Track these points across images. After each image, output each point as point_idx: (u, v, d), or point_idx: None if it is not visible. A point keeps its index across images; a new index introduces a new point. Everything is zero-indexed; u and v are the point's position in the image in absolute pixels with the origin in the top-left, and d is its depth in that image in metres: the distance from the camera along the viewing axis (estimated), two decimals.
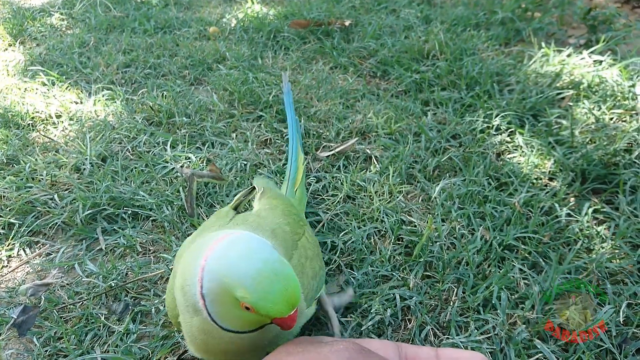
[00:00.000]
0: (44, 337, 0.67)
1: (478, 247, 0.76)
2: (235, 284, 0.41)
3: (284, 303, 0.41)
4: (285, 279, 0.42)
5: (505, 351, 0.62)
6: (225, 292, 0.42)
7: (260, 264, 0.42)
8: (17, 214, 0.88)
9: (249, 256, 0.42)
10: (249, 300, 0.41)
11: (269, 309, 0.41)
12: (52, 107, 1.19)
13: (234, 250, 0.43)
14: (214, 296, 0.43)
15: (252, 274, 0.41)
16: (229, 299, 0.42)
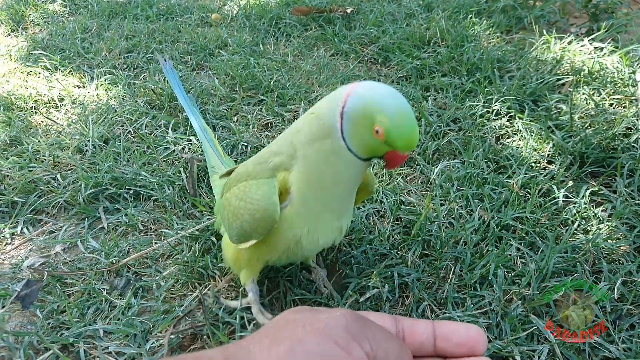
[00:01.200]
0: (47, 310, 0.68)
1: (476, 226, 0.77)
2: (379, 109, 0.48)
3: (409, 139, 0.49)
4: (415, 126, 0.49)
5: (500, 326, 0.63)
6: (365, 114, 0.49)
7: (403, 103, 0.49)
8: (20, 192, 0.89)
9: (393, 94, 0.49)
10: (385, 125, 0.48)
11: (397, 137, 0.48)
12: (55, 90, 1.20)
13: (380, 87, 0.50)
14: (353, 114, 0.50)
15: (395, 107, 0.48)
16: (365, 120, 0.49)
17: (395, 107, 0.48)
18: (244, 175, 0.60)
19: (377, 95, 0.49)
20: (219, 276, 0.73)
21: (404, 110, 0.48)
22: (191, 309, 0.68)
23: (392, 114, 0.48)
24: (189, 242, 0.78)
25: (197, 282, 0.72)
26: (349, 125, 0.51)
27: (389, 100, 0.49)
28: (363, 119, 0.49)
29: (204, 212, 0.83)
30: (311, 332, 0.43)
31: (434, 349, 0.51)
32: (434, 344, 0.50)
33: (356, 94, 0.50)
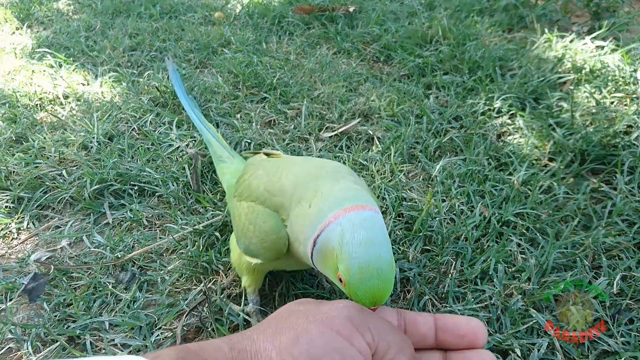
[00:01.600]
0: (54, 303, 0.69)
1: (477, 222, 0.78)
2: (343, 260, 0.45)
3: (370, 299, 0.45)
4: (384, 281, 0.45)
5: (501, 320, 0.64)
6: (332, 257, 0.46)
7: (374, 257, 0.44)
8: (27, 188, 0.90)
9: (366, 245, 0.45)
10: (346, 278, 0.45)
11: (355, 296, 0.45)
12: (60, 88, 1.21)
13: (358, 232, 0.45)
14: (322, 251, 0.48)
15: (360, 263, 0.44)
16: (332, 263, 0.46)
17: (363, 260, 0.44)
18: (252, 192, 0.60)
19: (348, 241, 0.45)
20: (223, 271, 0.74)
21: (370, 267, 0.44)
22: (196, 304, 0.69)
23: (355, 267, 0.44)
24: (193, 237, 0.79)
25: (202, 277, 0.73)
26: (317, 258, 0.49)
27: (358, 250, 0.44)
28: (328, 261, 0.47)
29: (208, 208, 0.84)
30: (314, 322, 0.44)
31: (435, 341, 0.52)
32: (435, 336, 0.51)
33: (333, 229, 0.46)
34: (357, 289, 0.44)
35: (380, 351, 0.44)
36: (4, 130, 1.05)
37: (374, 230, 0.46)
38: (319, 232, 0.48)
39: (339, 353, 0.41)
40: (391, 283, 0.45)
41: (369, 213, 0.47)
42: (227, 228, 0.80)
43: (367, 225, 0.46)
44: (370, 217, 0.47)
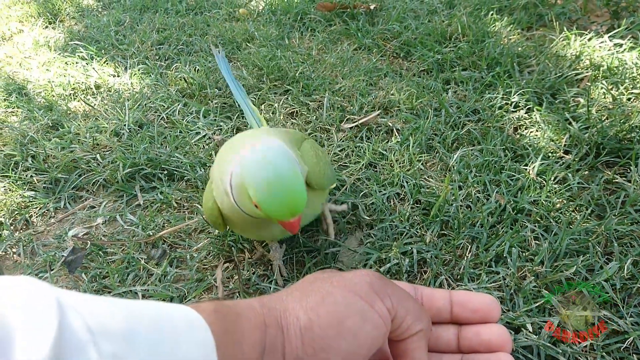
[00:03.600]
0: (91, 275, 0.74)
1: (492, 209, 0.81)
2: (249, 184, 0.50)
3: (284, 209, 0.49)
4: (290, 189, 0.49)
5: (514, 299, 0.67)
6: (243, 189, 0.51)
7: (272, 172, 0.49)
8: (63, 171, 0.96)
9: (265, 164, 0.50)
10: (257, 201, 0.49)
11: (270, 212, 0.50)
12: (92, 79, 1.26)
13: (256, 156, 0.51)
14: (236, 189, 0.52)
15: (262, 180, 0.49)
16: (246, 194, 0.51)
17: (264, 177, 0.49)
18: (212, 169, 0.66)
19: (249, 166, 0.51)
20: (248, 249, 0.78)
21: (271, 182, 0.49)
22: (224, 279, 0.73)
23: (259, 186, 0.49)
24: None
25: (228, 255, 0.77)
26: (237, 197, 0.53)
27: (259, 171, 0.50)
28: (242, 193, 0.52)
29: None
30: (338, 287, 0.47)
31: (450, 316, 0.55)
32: (451, 310, 0.55)
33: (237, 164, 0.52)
34: (270, 206, 0.49)
35: (399, 317, 0.47)
36: (41, 117, 1.11)
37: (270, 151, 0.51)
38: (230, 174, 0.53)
39: (360, 314, 0.45)
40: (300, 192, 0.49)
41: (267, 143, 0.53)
42: None
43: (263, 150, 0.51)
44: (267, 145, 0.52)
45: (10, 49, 1.51)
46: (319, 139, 1.01)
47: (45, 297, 0.28)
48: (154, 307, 0.36)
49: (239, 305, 0.43)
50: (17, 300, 0.27)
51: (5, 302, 0.26)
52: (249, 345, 0.40)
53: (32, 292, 0.28)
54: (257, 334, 0.41)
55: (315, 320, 0.43)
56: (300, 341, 0.42)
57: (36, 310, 0.27)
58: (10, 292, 0.27)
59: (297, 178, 0.50)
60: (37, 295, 0.28)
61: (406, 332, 0.47)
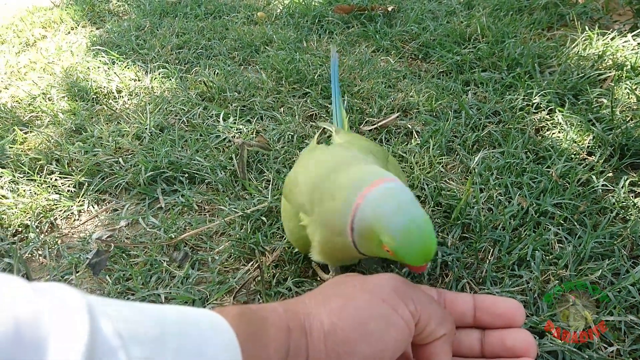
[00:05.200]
0: (114, 277, 0.75)
1: (514, 212, 0.80)
2: (384, 231, 0.48)
3: (420, 257, 0.48)
4: (427, 237, 0.48)
5: (538, 303, 0.66)
6: (373, 234, 0.49)
7: (409, 220, 0.48)
8: (86, 174, 0.97)
9: (399, 210, 0.48)
10: (392, 247, 0.48)
11: (407, 258, 0.49)
12: (113, 83, 1.28)
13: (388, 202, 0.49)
14: (361, 232, 0.51)
15: (401, 225, 0.47)
16: (374, 239, 0.49)
17: (402, 225, 0.47)
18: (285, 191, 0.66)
19: (383, 213, 0.48)
20: (268, 252, 0.78)
21: (410, 230, 0.47)
22: (245, 281, 0.73)
23: (397, 233, 0.47)
24: (240, 220, 0.84)
25: (249, 257, 0.78)
26: (359, 240, 0.52)
27: (395, 217, 0.48)
28: (371, 237, 0.50)
29: (254, 195, 0.89)
30: (361, 291, 0.47)
31: (473, 320, 0.54)
32: (474, 315, 0.54)
33: (362, 212, 0.50)
34: (406, 253, 0.48)
35: (423, 321, 0.47)
36: (64, 121, 1.13)
37: (400, 195, 0.50)
38: (351, 217, 0.51)
39: (384, 319, 0.45)
40: (433, 236, 0.48)
41: (390, 184, 0.51)
42: (272, 213, 0.85)
43: (391, 193, 0.50)
44: (391, 186, 0.51)
45: (34, 55, 1.54)
46: None
47: (77, 304, 0.28)
48: (181, 312, 0.37)
49: (264, 309, 0.44)
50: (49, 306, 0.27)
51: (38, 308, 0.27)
52: (273, 349, 0.40)
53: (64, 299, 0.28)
54: (281, 337, 0.41)
55: (339, 324, 0.43)
56: (323, 345, 0.43)
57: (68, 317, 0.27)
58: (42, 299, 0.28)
59: (430, 225, 0.49)
60: (69, 301, 0.28)
61: (430, 336, 0.47)
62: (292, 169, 0.69)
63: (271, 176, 0.92)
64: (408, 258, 0.48)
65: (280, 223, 0.83)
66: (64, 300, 0.28)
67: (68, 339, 0.26)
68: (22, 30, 1.73)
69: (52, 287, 0.30)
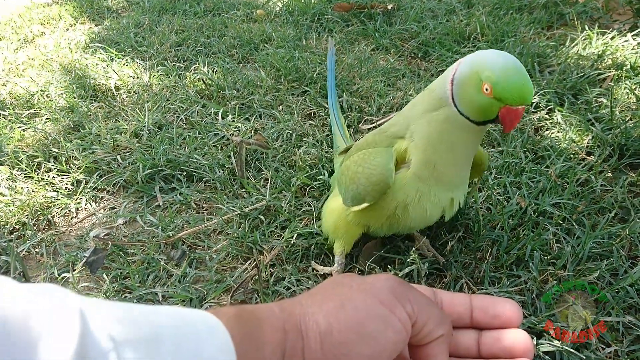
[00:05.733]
0: (112, 275, 0.75)
1: (513, 212, 0.80)
2: (485, 67, 0.51)
3: (518, 90, 0.50)
4: (526, 77, 0.50)
5: (536, 304, 0.66)
6: (472, 74, 0.52)
7: (510, 59, 0.51)
8: (84, 172, 0.97)
9: (500, 54, 0.52)
10: (492, 80, 0.50)
11: (505, 89, 0.50)
12: (112, 80, 1.28)
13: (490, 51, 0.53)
14: (461, 78, 0.53)
15: (501, 62, 0.51)
16: (473, 81, 0.52)
17: (501, 62, 0.50)
18: (364, 145, 0.67)
19: (484, 56, 0.52)
20: (266, 251, 0.78)
21: (510, 64, 0.50)
22: (243, 280, 0.73)
23: (497, 68, 0.50)
24: (238, 219, 0.83)
25: (247, 256, 0.78)
26: (459, 90, 0.54)
27: (495, 58, 0.51)
28: (471, 80, 0.52)
29: (252, 193, 0.89)
30: (358, 291, 0.47)
31: (470, 321, 0.54)
32: (471, 315, 0.54)
33: (466, 60, 0.54)
34: (505, 85, 0.50)
35: (420, 322, 0.46)
36: (62, 119, 1.12)
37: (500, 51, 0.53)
38: (452, 75, 0.54)
39: (381, 319, 0.44)
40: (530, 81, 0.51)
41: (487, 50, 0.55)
42: (270, 212, 0.85)
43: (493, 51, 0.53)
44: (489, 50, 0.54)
45: (32, 51, 1.54)
46: None
47: (69, 305, 0.28)
48: (175, 313, 0.36)
49: (260, 310, 0.43)
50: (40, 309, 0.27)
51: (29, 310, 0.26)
52: (269, 350, 0.40)
53: (56, 300, 0.28)
54: (277, 339, 0.41)
55: (335, 326, 0.43)
56: (319, 346, 0.42)
57: (59, 318, 0.27)
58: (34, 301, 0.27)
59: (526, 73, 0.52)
60: (61, 303, 0.28)
61: (427, 337, 0.47)
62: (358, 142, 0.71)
63: (269, 175, 0.92)
64: (507, 93, 0.50)
65: (279, 222, 0.83)
66: (55, 302, 0.28)
67: (58, 340, 0.26)
68: (20, 26, 1.73)
69: (45, 288, 0.29)
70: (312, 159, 0.94)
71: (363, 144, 0.67)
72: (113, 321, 0.30)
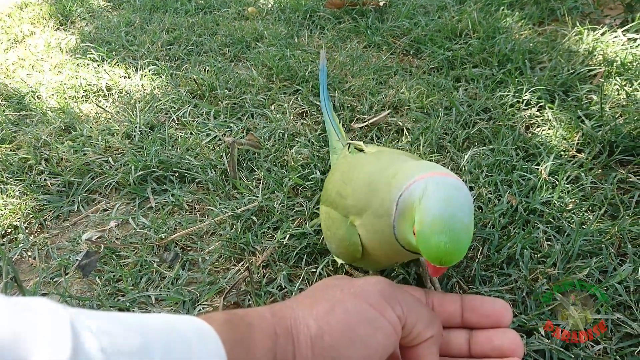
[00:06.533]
0: (104, 278, 0.75)
1: (504, 210, 0.80)
2: (420, 211, 0.46)
3: (436, 255, 0.45)
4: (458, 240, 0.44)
5: (526, 302, 0.66)
6: (411, 210, 0.47)
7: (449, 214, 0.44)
8: (76, 174, 0.97)
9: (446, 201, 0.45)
10: (417, 230, 0.46)
11: (423, 248, 0.46)
12: (103, 81, 1.28)
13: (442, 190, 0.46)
14: (404, 207, 0.48)
15: (437, 215, 0.44)
16: (410, 217, 0.47)
17: (438, 212, 0.44)
18: (329, 199, 0.63)
19: (430, 194, 0.46)
20: (259, 252, 0.78)
21: (443, 222, 0.44)
22: (236, 282, 0.73)
23: (428, 217, 0.45)
24: (231, 220, 0.83)
25: (239, 257, 0.78)
26: (398, 216, 0.49)
27: (437, 203, 0.45)
28: (408, 215, 0.47)
29: (244, 194, 0.89)
30: (349, 294, 0.47)
31: (461, 321, 0.55)
32: (462, 315, 0.55)
33: (417, 186, 0.47)
34: (425, 241, 0.45)
35: (410, 324, 0.47)
36: (53, 120, 1.12)
37: (458, 193, 0.46)
38: (403, 190, 0.49)
39: (370, 323, 0.45)
40: (462, 245, 0.45)
41: (456, 180, 0.48)
42: (262, 213, 0.85)
43: (451, 187, 0.46)
44: (456, 183, 0.48)
45: (22, 52, 1.53)
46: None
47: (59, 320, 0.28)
48: (166, 320, 0.37)
49: (250, 315, 0.44)
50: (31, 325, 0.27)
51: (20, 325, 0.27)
52: (261, 354, 0.40)
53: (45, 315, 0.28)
54: (268, 343, 0.41)
55: (326, 329, 0.44)
56: (310, 350, 0.43)
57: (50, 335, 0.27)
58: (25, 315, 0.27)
59: (469, 233, 0.45)
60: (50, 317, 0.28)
61: (417, 338, 0.48)
62: (330, 176, 0.68)
63: (262, 175, 0.92)
64: (425, 248, 0.45)
65: (272, 222, 0.83)
66: (45, 317, 0.28)
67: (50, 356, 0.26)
68: (10, 26, 1.71)
69: (34, 302, 0.29)
70: (304, 158, 0.94)
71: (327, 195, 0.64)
72: (104, 332, 0.30)
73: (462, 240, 0.45)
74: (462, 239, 0.45)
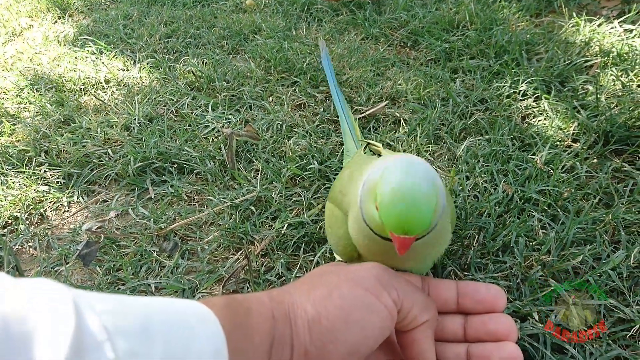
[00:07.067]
0: (105, 267, 0.76)
1: (499, 199, 0.81)
2: (381, 182, 0.46)
3: (398, 224, 0.44)
4: (416, 203, 0.44)
5: (520, 288, 0.67)
6: (373, 187, 0.47)
7: (408, 183, 0.44)
8: (75, 166, 0.97)
9: (406, 174, 0.45)
10: (378, 201, 0.45)
11: (386, 220, 0.45)
12: (102, 73, 1.28)
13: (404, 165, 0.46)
14: (367, 187, 0.49)
15: (395, 185, 0.44)
16: (373, 193, 0.47)
17: (394, 182, 0.44)
18: (333, 196, 0.62)
19: (390, 170, 0.46)
20: (257, 241, 0.79)
21: (404, 188, 0.44)
22: (234, 270, 0.74)
23: (387, 190, 0.44)
24: (229, 210, 0.84)
25: (238, 246, 0.79)
26: (363, 198, 0.49)
27: (395, 177, 0.45)
28: (371, 193, 0.47)
29: (243, 184, 0.89)
30: (345, 280, 0.48)
31: (456, 306, 0.56)
32: (457, 301, 0.56)
33: (378, 166, 0.48)
34: (386, 212, 0.45)
35: (405, 308, 0.48)
36: (52, 112, 1.13)
37: (417, 167, 0.46)
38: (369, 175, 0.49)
39: (367, 307, 0.46)
40: (422, 213, 0.44)
41: (417, 158, 0.48)
42: (261, 203, 0.86)
43: (410, 162, 0.47)
44: (417, 159, 0.48)
45: (20, 45, 1.53)
46: (327, 130, 1.02)
47: (63, 299, 0.29)
48: (167, 303, 0.37)
49: (249, 300, 0.45)
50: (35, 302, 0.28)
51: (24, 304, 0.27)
52: (258, 339, 0.41)
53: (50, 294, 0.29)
54: (266, 327, 0.42)
55: (323, 314, 0.45)
56: (308, 334, 0.44)
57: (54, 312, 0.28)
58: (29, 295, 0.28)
59: (429, 202, 0.44)
60: (55, 296, 0.29)
61: (412, 322, 0.49)
62: (339, 175, 0.67)
63: (260, 166, 0.93)
64: (387, 220, 0.45)
65: (270, 212, 0.84)
66: (49, 295, 0.29)
67: (54, 333, 0.27)
68: (8, 20, 1.71)
69: (38, 282, 0.30)
70: (302, 149, 0.95)
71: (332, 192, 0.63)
72: (106, 312, 0.31)
73: (422, 208, 0.44)
74: (421, 206, 0.44)
